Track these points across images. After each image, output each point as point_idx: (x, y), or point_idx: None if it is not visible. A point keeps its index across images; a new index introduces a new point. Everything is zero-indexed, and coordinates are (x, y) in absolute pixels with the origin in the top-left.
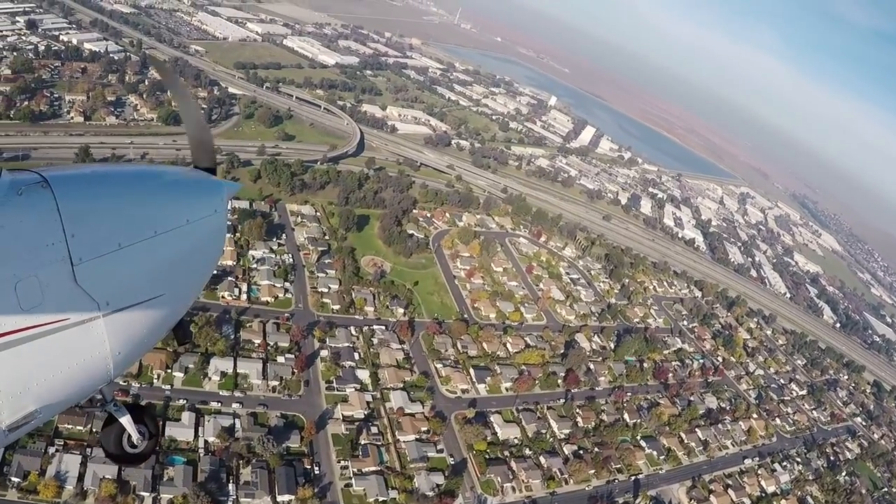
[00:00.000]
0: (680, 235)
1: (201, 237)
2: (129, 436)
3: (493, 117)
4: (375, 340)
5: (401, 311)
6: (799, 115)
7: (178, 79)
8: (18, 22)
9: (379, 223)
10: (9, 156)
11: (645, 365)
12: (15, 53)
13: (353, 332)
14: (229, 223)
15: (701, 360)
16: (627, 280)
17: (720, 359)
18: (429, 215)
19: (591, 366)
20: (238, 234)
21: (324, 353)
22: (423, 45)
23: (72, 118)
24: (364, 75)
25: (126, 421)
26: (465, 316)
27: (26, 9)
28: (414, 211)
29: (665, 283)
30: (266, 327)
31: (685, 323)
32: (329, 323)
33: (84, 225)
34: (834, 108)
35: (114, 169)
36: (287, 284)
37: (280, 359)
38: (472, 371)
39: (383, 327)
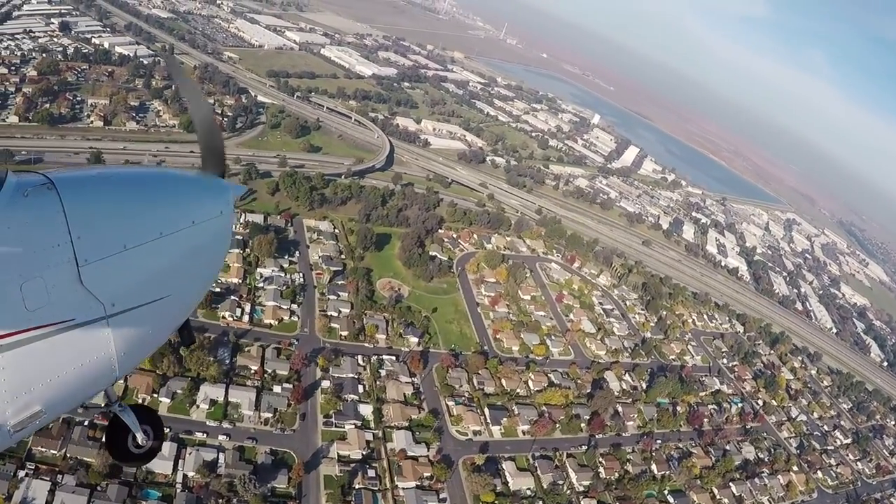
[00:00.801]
0: (723, 264)
1: (207, 239)
2: (134, 436)
3: (533, 134)
4: (383, 372)
5: (415, 340)
6: (847, 139)
7: (190, 81)
8: (52, 24)
9: (400, 243)
10: (21, 159)
11: (678, 408)
12: (44, 55)
13: (360, 362)
14: (240, 238)
15: (740, 404)
16: (665, 312)
17: (761, 402)
18: (455, 236)
19: (620, 408)
20: (247, 251)
21: (325, 383)
22: (465, 59)
23: (91, 122)
24: (401, 87)
25: (131, 421)
26: (485, 348)
27: (62, 10)
28: (439, 231)
29: (705, 317)
30: (265, 353)
31: (725, 361)
32: (335, 350)
33: (89, 226)
34: (883, 133)
35: (119, 171)
36: (294, 306)
37: (276, 388)
38: (486, 410)
39: (393, 358)
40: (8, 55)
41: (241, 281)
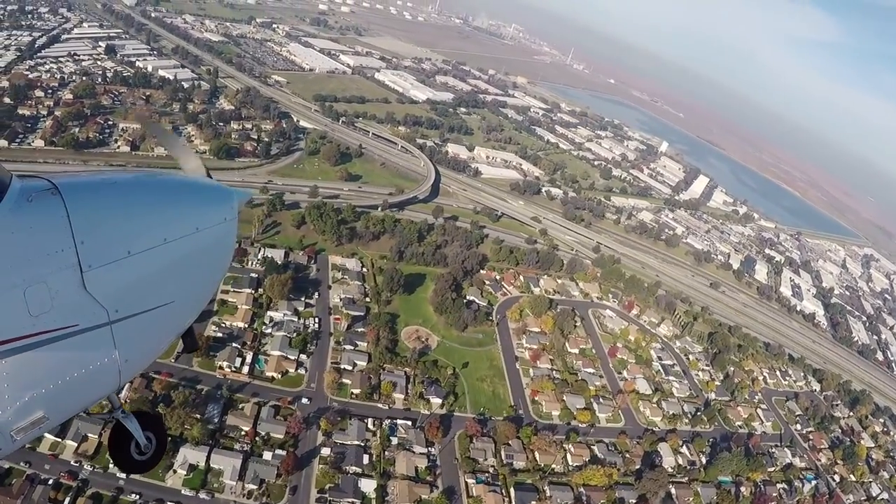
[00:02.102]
0: (798, 308)
1: (211, 245)
2: (137, 442)
3: (595, 163)
4: (395, 440)
5: (437, 402)
6: None
7: (161, 129)
8: (100, 47)
9: (434, 285)
10: None
11: (743, 489)
12: (84, 78)
13: (371, 427)
14: (255, 276)
15: (814, 481)
16: (733, 369)
17: (837, 478)
18: (498, 278)
19: (673, 490)
20: (260, 291)
21: (325, 451)
22: (528, 84)
23: (118, 147)
24: (456, 113)
25: (134, 427)
26: (520, 412)
27: (111, 34)
28: (481, 271)
29: (778, 373)
30: (261, 411)
31: (798, 427)
32: (342, 411)
33: (94, 232)
34: None
35: (124, 176)
36: (303, 357)
37: (267, 454)
38: (512, 492)
39: (409, 423)
40: (47, 78)
41: (246, 325)
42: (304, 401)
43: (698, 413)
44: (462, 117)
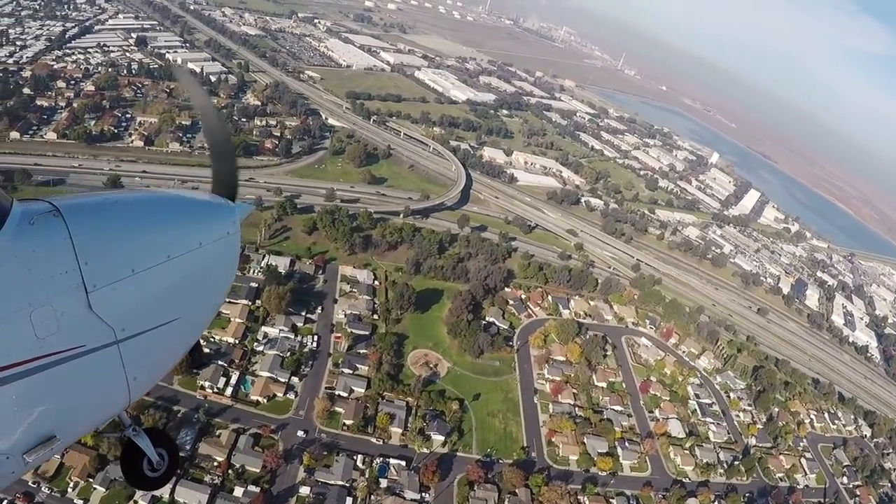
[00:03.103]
0: (851, 339)
1: (214, 260)
2: (150, 460)
3: (641, 172)
4: (384, 482)
5: (439, 439)
6: None
7: (205, 97)
8: (131, 38)
9: (451, 303)
10: (43, 179)
11: None
12: (110, 70)
13: (360, 465)
14: (255, 286)
15: None
16: (777, 410)
17: None
18: (523, 297)
19: None
20: (257, 303)
21: (304, 490)
22: (576, 88)
23: (131, 142)
24: (497, 115)
25: (145, 445)
26: (533, 455)
27: (145, 26)
28: (505, 289)
29: (826, 416)
30: (238, 440)
31: (845, 480)
32: (330, 445)
33: (97, 252)
34: None
35: (125, 195)
36: (295, 380)
37: (238, 491)
38: None
39: (403, 463)
40: (72, 69)
41: (237, 341)
42: (300, 433)
43: (736, 462)
44: (503, 120)
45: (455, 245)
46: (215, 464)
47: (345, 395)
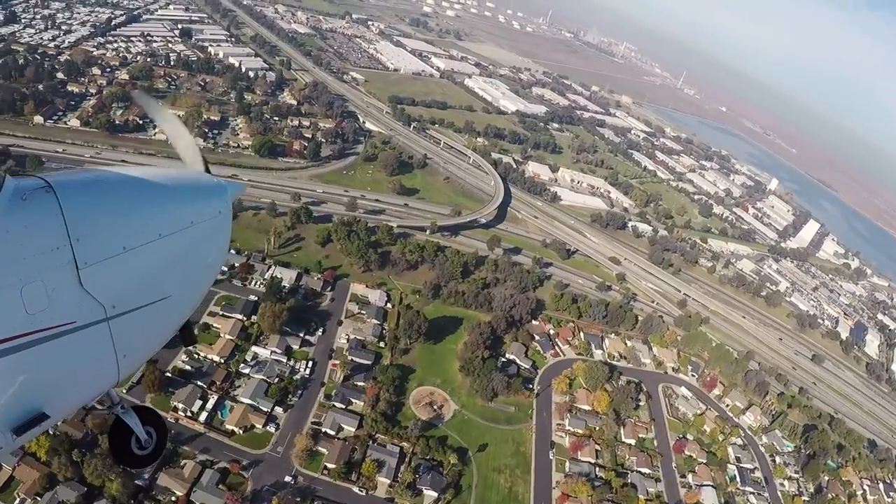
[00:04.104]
0: None
1: (206, 239)
2: (138, 438)
3: (696, 197)
4: None
5: (432, 495)
6: None
7: (151, 101)
8: (177, 29)
9: (468, 335)
10: (56, 167)
11: None
12: (148, 59)
13: None
14: (255, 299)
15: None
16: (828, 479)
17: None
18: (552, 332)
19: None
20: (253, 319)
21: None
22: (633, 104)
23: (154, 134)
24: (546, 128)
25: (134, 423)
26: None
27: (193, 18)
28: (532, 322)
29: (881, 486)
30: (202, 474)
31: None
32: (305, 490)
33: (88, 229)
34: None
35: (117, 172)
36: (278, 410)
37: None
38: None
39: None
40: (110, 56)
41: (222, 360)
42: (288, 479)
43: None
44: (552, 133)
45: (482, 268)
46: (173, 499)
47: (332, 432)
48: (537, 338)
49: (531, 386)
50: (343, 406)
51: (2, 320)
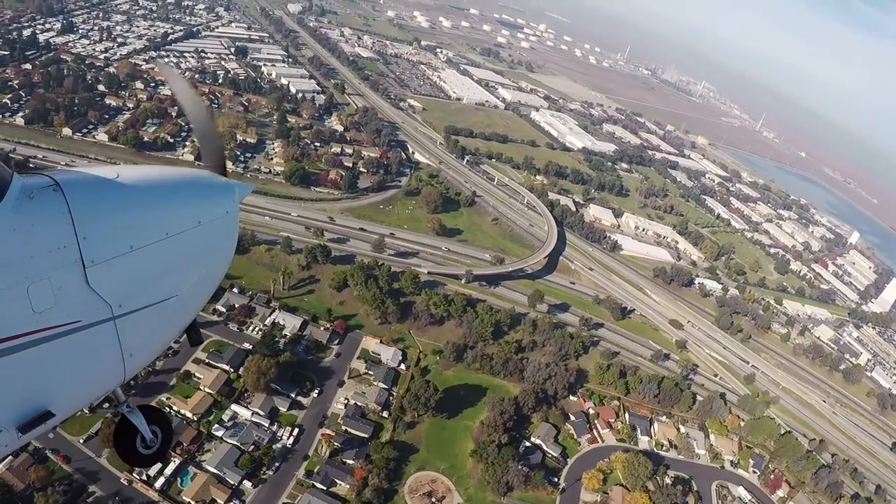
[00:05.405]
0: None
1: (213, 239)
2: (143, 437)
3: (772, 250)
4: None
5: None
6: None
7: (177, 75)
8: (233, 47)
9: (488, 412)
10: None
11: None
12: (196, 76)
13: None
14: (249, 347)
15: None
16: None
17: None
18: (591, 411)
19: None
20: (237, 373)
21: None
22: (708, 146)
23: (182, 154)
24: (614, 168)
25: (139, 422)
26: None
27: (252, 37)
28: (570, 397)
29: None
30: None
31: None
32: None
33: (96, 227)
34: None
35: (125, 171)
36: (247, 485)
37: None
38: None
39: None
40: (156, 71)
41: (196, 418)
42: None
43: None
44: (620, 174)
45: (518, 328)
46: None
47: None
48: (572, 418)
49: (556, 479)
50: (324, 488)
51: (8, 318)
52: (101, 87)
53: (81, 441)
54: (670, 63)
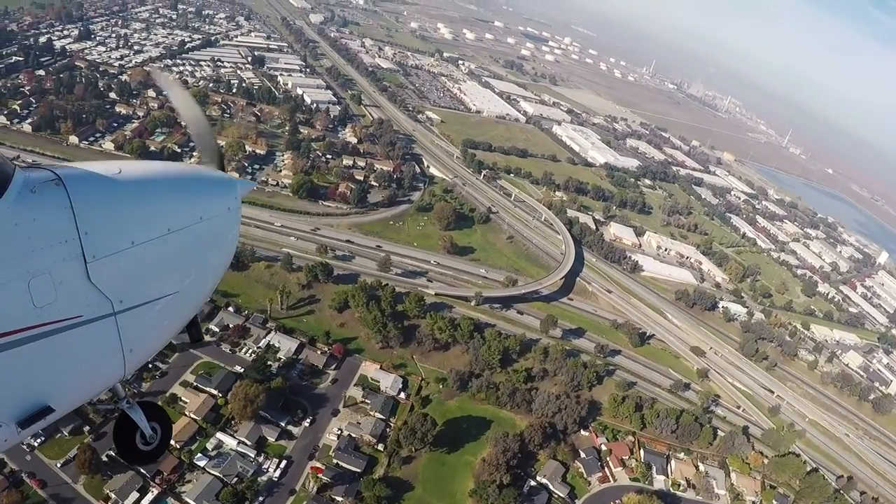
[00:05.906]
0: None
1: (214, 235)
2: (143, 433)
3: (799, 272)
4: None
5: None
6: None
7: (171, 80)
8: (250, 56)
9: (491, 448)
10: None
11: None
12: (210, 85)
13: None
14: (241, 369)
15: None
16: None
17: None
18: (604, 447)
19: None
20: (225, 398)
21: None
22: (734, 162)
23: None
24: (637, 184)
25: (139, 418)
26: None
27: (271, 46)
28: (581, 432)
29: None
30: None
31: None
32: None
33: (97, 222)
34: None
35: (127, 166)
36: None
37: None
38: None
39: None
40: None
41: (178, 446)
42: None
43: None
44: (642, 191)
45: (528, 356)
46: None
47: None
48: (583, 454)
49: None
50: None
51: (9, 313)
52: (112, 95)
53: (59, 465)
54: (696, 77)
